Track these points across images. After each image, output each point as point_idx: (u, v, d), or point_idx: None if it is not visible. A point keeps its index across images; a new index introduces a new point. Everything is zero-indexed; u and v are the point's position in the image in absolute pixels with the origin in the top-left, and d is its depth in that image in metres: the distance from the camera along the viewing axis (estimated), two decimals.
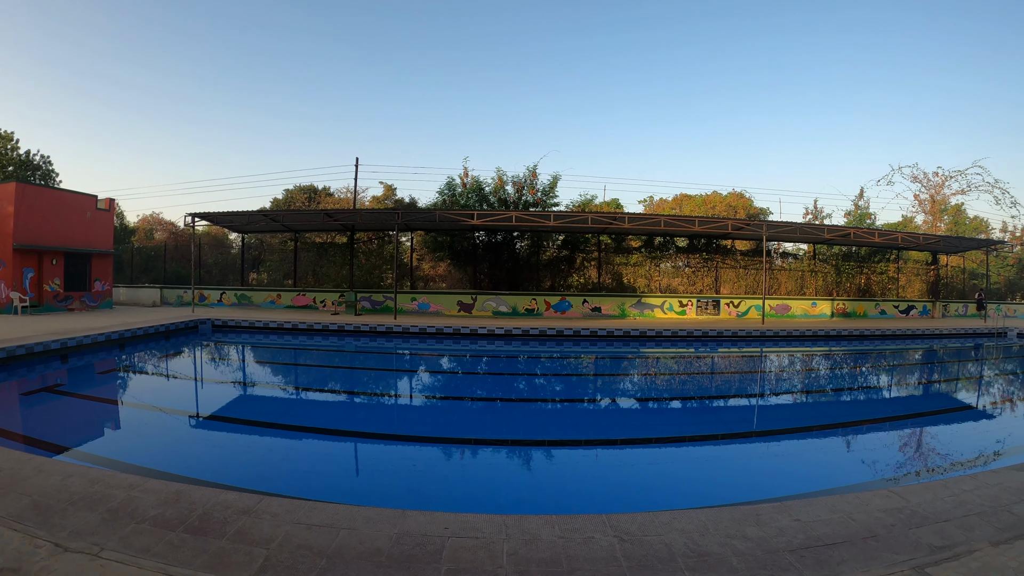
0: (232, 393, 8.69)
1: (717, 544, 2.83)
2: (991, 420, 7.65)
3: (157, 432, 6.22)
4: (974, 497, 3.60)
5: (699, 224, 16.96)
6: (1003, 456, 5.54)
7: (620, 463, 5.42)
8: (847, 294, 22.77)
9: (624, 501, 4.29)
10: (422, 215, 15.87)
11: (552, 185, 20.06)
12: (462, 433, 6.50)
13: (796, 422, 7.51)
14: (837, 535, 2.99)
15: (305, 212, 16.04)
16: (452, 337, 15.18)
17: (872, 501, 3.53)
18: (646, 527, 3.02)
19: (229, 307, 19.61)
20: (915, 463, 5.47)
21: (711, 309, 19.88)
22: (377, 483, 4.64)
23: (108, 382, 9.43)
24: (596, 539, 2.89)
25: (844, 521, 3.18)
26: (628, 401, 8.85)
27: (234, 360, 12.43)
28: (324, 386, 9.66)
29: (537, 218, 15.69)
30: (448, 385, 10.08)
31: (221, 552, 2.64)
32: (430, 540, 2.80)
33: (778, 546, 2.83)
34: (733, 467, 5.37)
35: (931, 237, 20.82)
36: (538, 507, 4.02)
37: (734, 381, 10.71)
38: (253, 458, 5.33)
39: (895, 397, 9.41)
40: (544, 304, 18.62)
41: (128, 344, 13.38)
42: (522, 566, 2.56)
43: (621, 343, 15.27)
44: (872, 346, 16.13)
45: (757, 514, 3.24)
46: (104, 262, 19.54)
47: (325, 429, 6.48)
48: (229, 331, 16.31)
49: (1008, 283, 25.82)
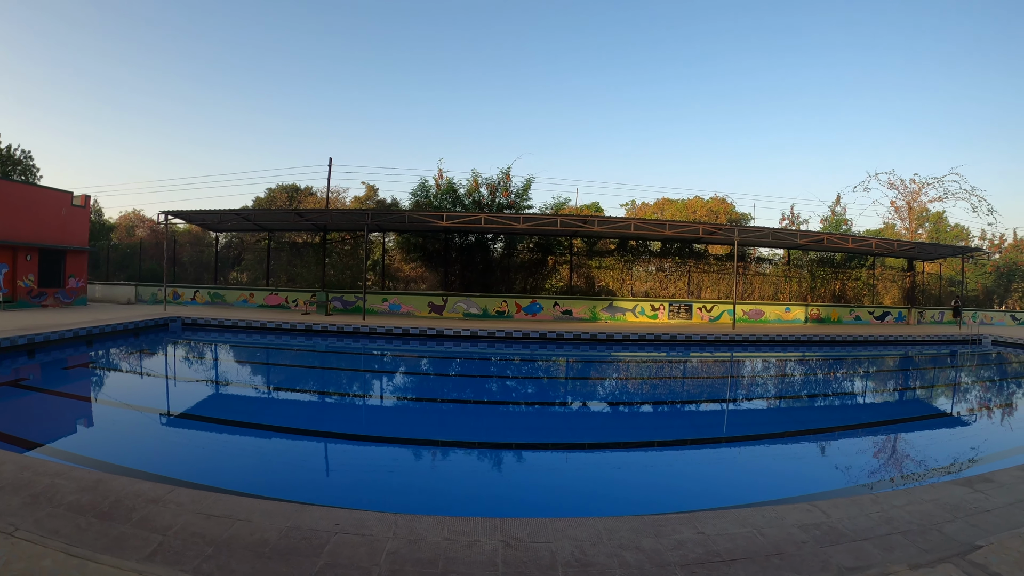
0: (188, 389, 9.03)
1: (605, 555, 2.79)
2: (946, 431, 7.55)
3: (108, 425, 6.61)
4: (903, 514, 3.46)
5: (670, 228, 17.22)
6: (948, 470, 5.39)
7: (552, 467, 5.54)
8: (822, 300, 23.07)
9: (546, 505, 4.39)
10: (392, 216, 16.12)
11: (526, 187, 20.33)
12: (400, 433, 6.72)
13: (744, 429, 7.55)
14: (739, 551, 2.88)
15: (277, 212, 16.27)
16: (419, 338, 15.42)
17: (789, 515, 3.38)
18: (537, 533, 3.03)
19: (202, 305, 19.84)
20: (854, 475, 5.30)
21: (683, 313, 20.14)
22: (304, 479, 4.83)
23: (70, 378, 9.72)
24: (481, 543, 2.92)
25: (751, 536, 3.06)
26: (575, 405, 9.01)
27: (197, 358, 12.69)
28: (279, 384, 9.98)
29: (507, 220, 15.95)
30: (400, 386, 10.34)
31: (121, 536, 2.86)
32: (317, 535, 2.92)
33: (670, 560, 2.75)
34: (671, 474, 5.40)
35: (906, 243, 21.11)
36: (450, 509, 4.12)
37: (688, 387, 10.90)
38: (188, 450, 5.63)
39: (850, 405, 9.44)
40: (515, 306, 18.88)
41: (96, 341, 13.60)
42: (397, 565, 2.64)
43: (588, 346, 15.52)
44: (841, 352, 16.33)
45: (660, 525, 3.17)
46: (79, 259, 19.75)
47: (272, 426, 6.76)
48: (199, 329, 16.53)
49: (985, 291, 26.10)
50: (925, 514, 3.50)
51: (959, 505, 3.69)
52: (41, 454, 5.06)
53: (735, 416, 8.39)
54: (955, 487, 4.07)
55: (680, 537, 3.01)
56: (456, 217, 16.12)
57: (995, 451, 6.32)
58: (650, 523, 3.20)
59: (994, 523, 3.36)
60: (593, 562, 2.72)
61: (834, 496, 4.32)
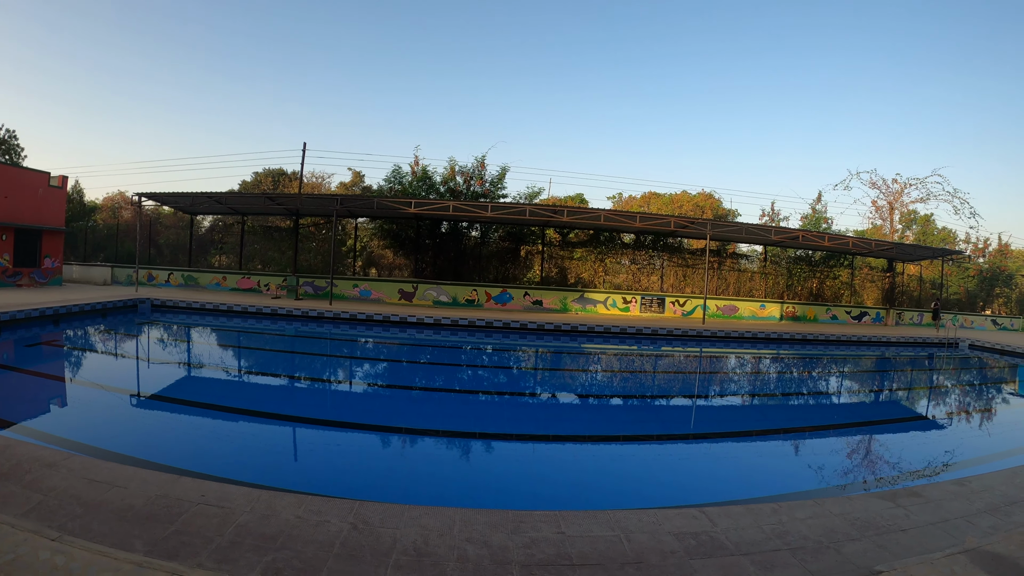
0: (136, 367, 9.36)
1: (447, 547, 2.78)
2: (893, 438, 7.25)
3: (51, 398, 7.07)
4: (803, 528, 3.25)
5: (640, 220, 17.38)
6: (878, 482, 5.09)
7: (474, 455, 5.71)
8: (799, 298, 23.20)
9: (445, 493, 4.49)
10: (361, 202, 16.35)
11: (500, 176, 20.52)
12: (322, 415, 6.98)
13: (678, 427, 7.42)
14: (594, 555, 2.78)
15: (248, 195, 16.52)
16: (382, 324, 15.65)
17: (669, 521, 3.24)
18: (389, 519, 3.08)
19: (176, 288, 20.16)
20: (775, 481, 5.10)
21: (656, 307, 20.32)
22: (219, 452, 5.21)
23: (29, 354, 10.13)
24: (330, 523, 2.98)
25: (615, 541, 2.95)
26: (511, 395, 9.07)
27: (157, 339, 13.00)
28: (228, 365, 10.29)
29: (475, 208, 16.15)
30: (344, 371, 10.64)
31: (8, 495, 3.12)
32: (180, 504, 3.11)
33: (514, 559, 2.70)
34: (582, 470, 5.39)
35: (884, 244, 21.20)
36: (328, 489, 4.18)
37: (633, 382, 11.04)
38: (115, 422, 6.02)
39: (800, 406, 9.21)
40: (485, 295, 19.11)
41: (63, 320, 13.91)
42: (239, 538, 2.75)
43: (551, 337, 15.75)
44: (811, 351, 16.42)
45: (521, 521, 3.12)
46: (55, 239, 20.03)
47: (213, 405, 7.08)
48: (167, 311, 16.82)
49: (968, 294, 26.16)
50: (828, 530, 3.23)
51: (872, 522, 3.39)
52: None
53: (673, 413, 8.35)
54: (875, 500, 3.81)
55: (536, 535, 2.95)
56: (425, 204, 16.33)
57: (938, 463, 5.91)
58: (512, 518, 3.16)
59: (905, 545, 3.08)
60: (431, 552, 2.71)
61: (749, 502, 3.91)
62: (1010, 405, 10.31)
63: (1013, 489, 4.30)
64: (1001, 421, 8.93)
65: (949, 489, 4.23)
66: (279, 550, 2.69)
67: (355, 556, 2.68)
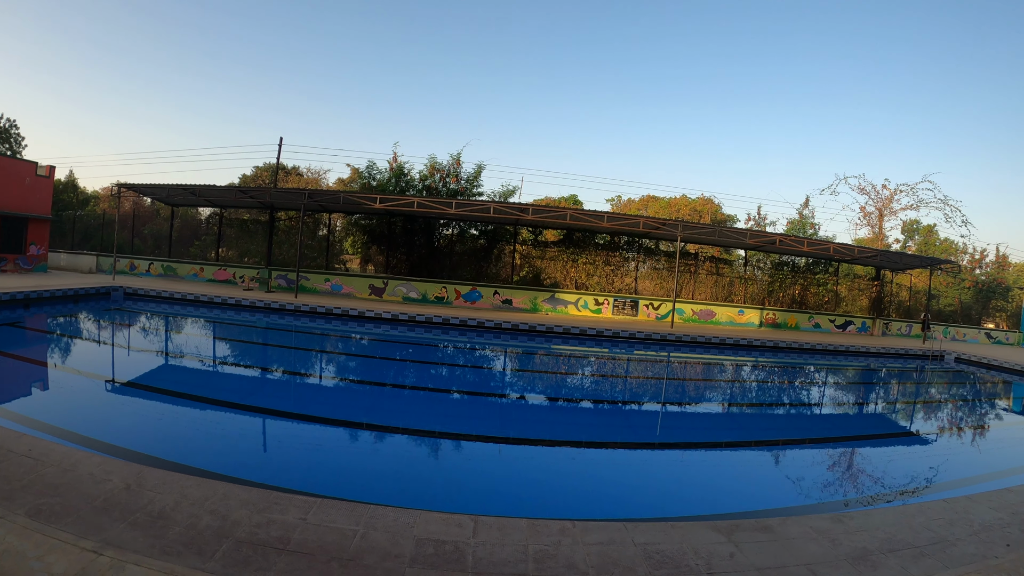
0: (93, 351, 10.05)
1: (186, 514, 3.21)
2: (806, 456, 6.94)
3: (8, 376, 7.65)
4: (578, 554, 3.05)
5: (608, 220, 17.49)
6: (725, 509, 4.71)
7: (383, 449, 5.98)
8: (781, 304, 22.96)
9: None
10: (328, 196, 16.74)
11: (476, 174, 20.81)
12: (261, 403, 7.39)
13: (601, 435, 7.33)
14: (314, 544, 2.99)
15: (221, 188, 17.09)
16: (340, 318, 16.01)
17: (423, 526, 3.28)
18: (162, 485, 3.58)
19: (155, 277, 20.84)
20: (612, 496, 4.98)
21: (628, 309, 20.35)
22: (147, 433, 5.64)
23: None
24: (111, 481, 3.49)
25: (349, 535, 3.10)
26: (460, 394, 9.31)
27: (120, 324, 13.59)
28: (176, 351, 10.78)
29: (439, 205, 16.46)
30: (294, 362, 11.04)
31: None
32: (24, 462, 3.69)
33: (236, 534, 3.01)
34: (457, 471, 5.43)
35: (867, 250, 20.95)
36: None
37: (581, 384, 11.13)
38: (57, 400, 6.65)
39: (744, 416, 9.15)
40: (454, 293, 19.37)
41: (33, 305, 14.55)
42: (110, 505, 3.22)
43: (508, 335, 15.89)
44: (784, 359, 16.23)
45: (273, 502, 3.50)
46: (41, 227, 20.87)
47: (156, 388, 7.61)
48: (139, 299, 17.41)
49: (963, 306, 25.58)
50: (608, 562, 2.94)
51: (676, 559, 3.01)
52: None
53: (600, 417, 8.39)
54: (705, 532, 3.38)
55: (277, 518, 3.26)
56: (390, 200, 16.68)
57: (838, 493, 5.41)
58: (267, 499, 3.52)
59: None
60: (167, 516, 3.19)
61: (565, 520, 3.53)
62: (980, 428, 9.59)
63: (902, 532, 3.67)
64: (957, 447, 7.99)
65: (817, 526, 3.64)
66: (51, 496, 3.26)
67: (106, 509, 3.16)
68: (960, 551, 3.48)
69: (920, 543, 3.53)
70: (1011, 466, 6.95)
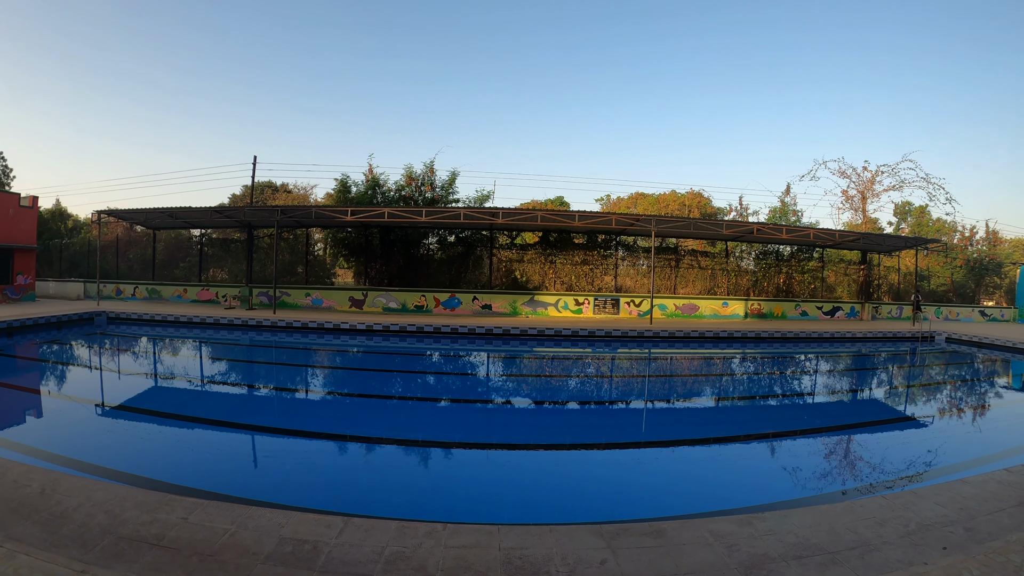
0: (71, 375, 10.48)
1: (84, 513, 3.61)
2: (755, 450, 6.74)
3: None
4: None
5: (579, 219, 17.72)
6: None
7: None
8: (765, 294, 22.97)
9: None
10: (301, 212, 17.11)
11: (451, 181, 21.18)
12: (210, 415, 7.83)
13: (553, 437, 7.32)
14: (182, 540, 3.31)
15: (198, 209, 17.53)
16: (316, 331, 16.31)
17: (255, 520, 3.58)
18: (72, 491, 3.97)
19: (140, 300, 21.34)
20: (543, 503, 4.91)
21: (610, 308, 20.50)
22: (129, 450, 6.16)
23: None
24: (30, 486, 4.44)
25: (217, 532, 3.39)
26: (441, 402, 9.77)
27: (99, 348, 14.13)
28: (152, 371, 11.26)
29: (409, 214, 16.78)
30: (261, 377, 11.35)
31: None
32: None
33: (131, 533, 3.57)
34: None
35: (849, 234, 20.97)
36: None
37: (541, 384, 11.32)
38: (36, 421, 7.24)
39: (693, 411, 9.16)
40: (434, 301, 19.65)
41: (16, 333, 15.05)
42: (22, 507, 3.68)
43: (483, 341, 16.10)
44: (766, 350, 16.29)
45: (163, 503, 3.86)
46: (27, 257, 21.46)
47: (111, 404, 8.08)
48: (122, 323, 17.86)
49: (955, 285, 25.42)
50: (464, 565, 2.98)
51: (534, 564, 2.98)
52: None
53: (565, 417, 8.51)
54: (585, 536, 3.31)
55: (168, 518, 3.67)
56: (361, 211, 17.02)
57: (773, 489, 5.24)
58: (160, 500, 3.90)
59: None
60: (67, 515, 3.63)
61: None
62: (957, 412, 9.11)
63: (818, 535, 3.39)
64: (927, 435, 7.44)
65: (719, 529, 3.42)
66: None
67: (18, 510, 3.65)
68: (882, 557, 3.13)
69: (837, 547, 3.21)
70: (985, 453, 6.42)
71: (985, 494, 4.19)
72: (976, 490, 4.27)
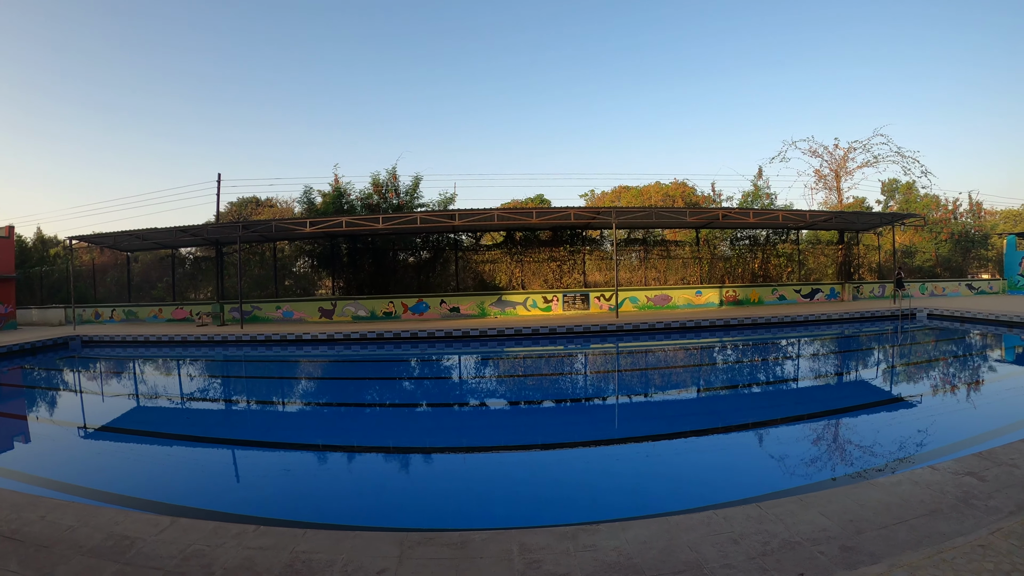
0: (37, 398, 11.14)
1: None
2: (676, 448, 6.31)
3: None
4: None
5: (537, 216, 18.06)
6: None
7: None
8: (741, 280, 23.05)
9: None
10: (262, 225, 17.65)
11: (414, 186, 21.59)
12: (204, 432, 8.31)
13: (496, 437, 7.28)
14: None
15: (163, 230, 18.18)
16: (280, 344, 16.80)
17: (124, 519, 3.90)
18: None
19: (118, 323, 22.03)
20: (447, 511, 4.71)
21: (580, 303, 20.77)
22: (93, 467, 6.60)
23: None
24: None
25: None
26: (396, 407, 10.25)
27: (68, 371, 14.75)
28: (119, 391, 11.78)
29: (367, 222, 17.24)
30: (226, 391, 11.90)
31: None
32: None
33: None
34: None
35: (820, 214, 21.04)
36: None
37: (509, 386, 11.66)
38: None
39: (635, 405, 8.96)
40: (402, 307, 20.09)
41: None
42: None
43: (443, 344, 16.45)
44: (736, 337, 16.44)
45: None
46: (6, 286, 22.29)
47: (103, 427, 8.77)
48: (95, 346, 18.53)
49: (939, 259, 25.26)
50: (247, 565, 3.14)
51: (314, 571, 3.00)
52: None
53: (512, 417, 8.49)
54: (381, 544, 3.30)
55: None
56: (320, 223, 17.50)
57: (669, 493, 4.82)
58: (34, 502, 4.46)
59: None
60: None
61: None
62: (915, 397, 8.11)
63: (643, 553, 2.96)
64: (870, 425, 6.68)
65: (532, 543, 3.15)
66: None
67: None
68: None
69: (659, 571, 2.74)
70: (935, 446, 5.59)
71: (891, 500, 3.50)
72: (882, 495, 3.59)
